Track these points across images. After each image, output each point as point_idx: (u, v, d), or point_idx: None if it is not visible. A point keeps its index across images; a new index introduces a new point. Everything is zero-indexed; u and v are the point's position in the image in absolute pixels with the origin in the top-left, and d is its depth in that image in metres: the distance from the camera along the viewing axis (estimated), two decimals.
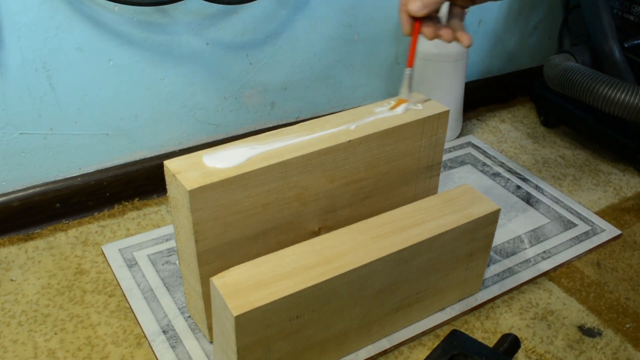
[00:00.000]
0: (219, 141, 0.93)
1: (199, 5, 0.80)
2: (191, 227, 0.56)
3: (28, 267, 0.76)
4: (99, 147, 0.84)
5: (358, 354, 0.65)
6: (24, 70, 0.74)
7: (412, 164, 0.70)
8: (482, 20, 1.09)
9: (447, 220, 0.64)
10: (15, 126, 0.77)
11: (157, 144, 0.89)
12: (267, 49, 0.90)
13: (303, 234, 0.65)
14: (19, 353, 0.65)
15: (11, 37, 0.72)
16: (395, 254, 0.59)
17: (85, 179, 0.85)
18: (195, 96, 0.88)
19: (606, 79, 0.91)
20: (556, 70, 0.98)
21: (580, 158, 1.03)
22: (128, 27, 0.78)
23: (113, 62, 0.79)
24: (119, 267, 0.76)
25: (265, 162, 0.58)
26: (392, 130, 0.65)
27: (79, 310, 0.71)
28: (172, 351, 0.65)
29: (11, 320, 0.69)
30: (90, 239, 0.82)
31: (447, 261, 0.66)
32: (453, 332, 0.63)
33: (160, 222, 0.85)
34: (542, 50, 1.23)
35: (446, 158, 1.00)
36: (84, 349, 0.66)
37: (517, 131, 1.11)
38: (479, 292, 0.73)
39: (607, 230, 0.85)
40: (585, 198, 0.93)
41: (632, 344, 0.68)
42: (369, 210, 0.69)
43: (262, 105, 0.95)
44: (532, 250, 0.81)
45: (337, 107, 1.02)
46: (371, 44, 1.00)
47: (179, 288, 0.73)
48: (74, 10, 0.74)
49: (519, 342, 0.66)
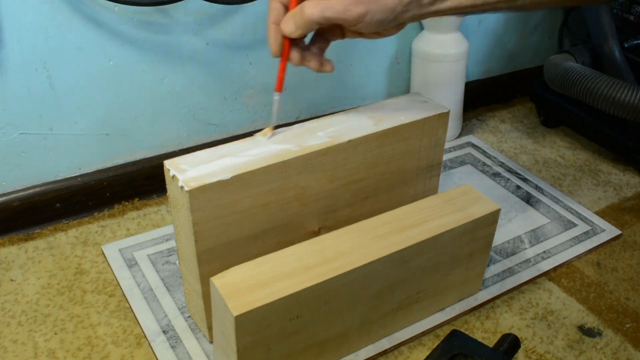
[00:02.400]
0: (219, 141, 0.93)
1: (199, 5, 0.80)
2: (191, 227, 0.56)
3: (28, 267, 0.76)
4: (99, 147, 0.84)
5: (358, 353, 0.65)
6: (24, 70, 0.74)
7: (412, 164, 0.70)
8: (482, 20, 1.09)
9: (447, 220, 0.64)
10: (15, 126, 0.77)
11: (157, 144, 0.89)
12: (267, 49, 0.89)
13: (303, 234, 0.65)
14: (19, 353, 0.65)
15: (11, 37, 0.72)
16: (395, 254, 0.59)
17: (85, 179, 0.85)
18: (195, 96, 0.88)
19: (606, 79, 0.91)
20: (556, 70, 0.98)
21: (580, 158, 1.03)
22: (128, 27, 0.78)
23: (113, 62, 0.79)
24: (119, 267, 0.76)
25: (265, 162, 0.58)
26: (392, 130, 0.65)
27: (79, 310, 0.71)
28: (172, 351, 0.65)
29: (11, 320, 0.69)
30: (90, 239, 0.82)
31: (447, 261, 0.66)
32: (453, 332, 0.63)
33: (160, 222, 0.85)
34: (542, 50, 1.23)
35: (446, 158, 1.00)
36: (84, 349, 0.66)
37: (517, 131, 1.11)
38: (479, 292, 0.73)
39: (607, 230, 0.85)
40: (585, 198, 0.93)
41: (632, 344, 0.68)
42: (369, 210, 0.69)
43: (262, 105, 0.95)
44: (532, 250, 0.81)
45: (337, 107, 1.02)
46: (371, 44, 1.00)
47: (179, 288, 0.73)
48: (74, 10, 0.74)
49: (519, 342, 0.66)
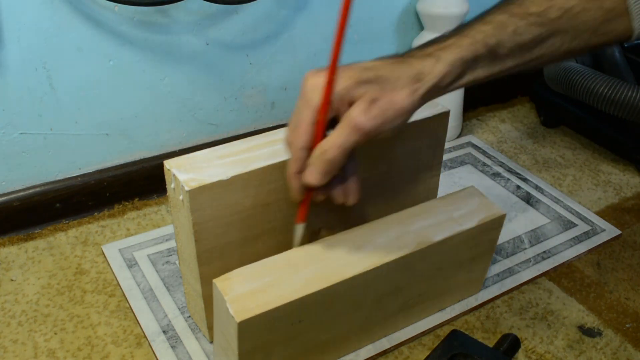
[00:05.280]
0: (219, 141, 0.93)
1: (199, 5, 0.80)
2: (191, 227, 0.56)
3: (28, 267, 0.76)
4: (99, 147, 0.84)
5: (358, 353, 0.65)
6: (24, 70, 0.74)
7: (412, 164, 0.70)
8: None
9: (452, 225, 0.63)
10: (15, 126, 0.77)
11: (157, 144, 0.89)
12: (267, 49, 0.90)
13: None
14: (19, 353, 0.65)
15: (11, 37, 0.72)
16: (399, 260, 0.59)
17: (85, 179, 0.85)
18: (195, 96, 0.88)
19: (606, 79, 0.91)
20: (556, 70, 0.98)
21: (580, 158, 1.03)
22: (128, 27, 0.78)
23: (113, 62, 0.79)
24: (119, 267, 0.76)
25: (265, 162, 0.58)
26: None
27: (79, 310, 0.71)
28: (172, 351, 0.65)
29: (11, 320, 0.69)
30: (90, 239, 0.82)
31: (450, 265, 0.65)
32: (453, 332, 0.63)
33: (160, 222, 0.85)
34: None
35: (446, 158, 1.00)
36: (84, 349, 0.66)
37: (517, 131, 1.11)
38: (479, 292, 0.73)
39: (607, 230, 0.85)
40: (585, 198, 0.93)
41: (632, 344, 0.68)
42: (370, 210, 0.69)
43: (262, 105, 0.95)
44: (532, 250, 0.81)
45: None
46: (371, 44, 1.00)
47: (179, 288, 0.73)
48: (74, 10, 0.74)
49: (519, 342, 0.66)
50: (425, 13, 0.97)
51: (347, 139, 0.49)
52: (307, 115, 0.50)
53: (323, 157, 0.50)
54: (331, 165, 0.50)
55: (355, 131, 0.49)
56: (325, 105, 0.49)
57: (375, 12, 0.97)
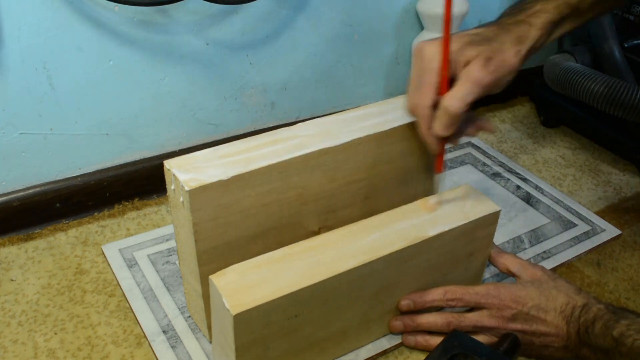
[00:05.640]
0: (219, 141, 0.93)
1: (199, 5, 0.80)
2: (191, 227, 0.56)
3: (28, 267, 0.76)
4: (99, 147, 0.84)
5: (358, 353, 0.65)
6: (24, 70, 0.74)
7: (412, 164, 0.70)
8: (482, 20, 1.09)
9: (446, 220, 0.64)
10: (15, 126, 0.77)
11: (157, 144, 0.89)
12: (267, 49, 0.90)
13: (303, 234, 0.65)
14: (19, 353, 0.65)
15: (11, 37, 0.72)
16: (394, 254, 0.59)
17: (85, 179, 0.85)
18: (195, 96, 0.88)
19: (606, 79, 0.91)
20: (556, 70, 0.98)
21: (580, 158, 1.03)
22: (128, 27, 0.78)
23: (113, 62, 0.79)
24: (119, 267, 0.76)
25: (265, 162, 0.58)
26: (392, 130, 0.65)
27: (79, 310, 0.71)
28: (172, 351, 0.65)
29: (11, 320, 0.69)
30: (90, 239, 0.82)
31: (447, 261, 0.66)
32: (453, 332, 0.63)
33: (160, 222, 0.85)
34: (542, 50, 1.23)
35: (446, 158, 1.00)
36: (84, 349, 0.66)
37: (517, 131, 1.11)
38: None
39: (607, 230, 0.85)
40: (585, 198, 0.93)
41: None
42: (369, 210, 0.69)
43: (262, 105, 0.95)
44: (532, 250, 0.81)
45: (337, 107, 1.02)
46: (371, 44, 1.00)
47: (179, 288, 0.73)
48: (74, 10, 0.74)
49: (519, 342, 0.66)
50: (425, 13, 0.97)
51: (469, 91, 0.56)
52: (430, 77, 0.57)
53: (449, 110, 0.56)
54: (457, 117, 0.57)
55: (475, 84, 0.56)
56: (446, 65, 0.56)
57: (375, 12, 0.97)
